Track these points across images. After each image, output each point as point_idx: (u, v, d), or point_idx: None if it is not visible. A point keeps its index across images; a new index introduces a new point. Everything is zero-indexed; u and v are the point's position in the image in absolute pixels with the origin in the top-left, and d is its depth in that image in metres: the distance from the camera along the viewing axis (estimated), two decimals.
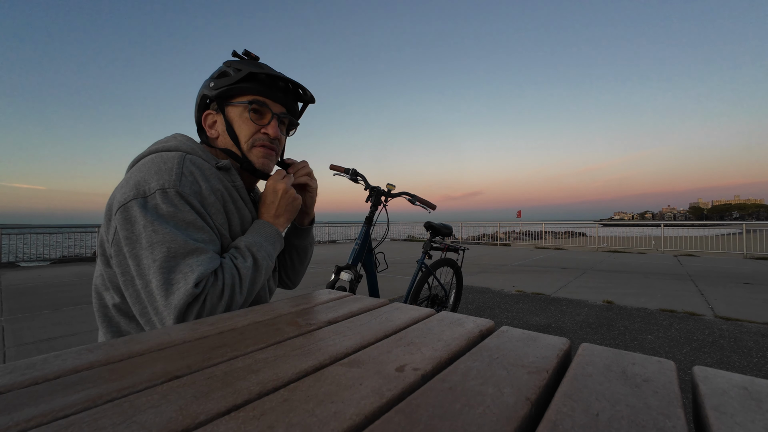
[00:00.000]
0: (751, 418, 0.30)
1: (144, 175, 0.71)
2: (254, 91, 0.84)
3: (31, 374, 0.37)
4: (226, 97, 0.84)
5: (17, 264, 7.90)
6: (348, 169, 1.80)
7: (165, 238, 0.66)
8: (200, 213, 0.72)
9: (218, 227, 0.76)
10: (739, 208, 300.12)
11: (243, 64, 0.84)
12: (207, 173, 0.77)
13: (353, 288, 1.64)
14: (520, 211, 14.84)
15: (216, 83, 0.83)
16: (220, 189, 0.78)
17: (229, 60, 0.86)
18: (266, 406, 0.31)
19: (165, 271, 0.65)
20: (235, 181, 0.83)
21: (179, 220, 0.69)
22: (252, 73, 0.82)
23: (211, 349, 0.44)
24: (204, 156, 0.81)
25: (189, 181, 0.72)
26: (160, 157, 0.75)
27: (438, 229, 2.42)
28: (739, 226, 9.84)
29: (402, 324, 0.55)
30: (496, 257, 8.74)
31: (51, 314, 3.62)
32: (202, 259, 0.68)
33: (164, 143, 0.81)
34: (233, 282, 0.71)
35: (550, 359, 0.42)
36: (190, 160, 0.76)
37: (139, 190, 0.69)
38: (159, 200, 0.68)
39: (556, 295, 4.37)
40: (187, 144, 0.81)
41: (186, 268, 0.66)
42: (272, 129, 0.86)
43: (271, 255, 0.82)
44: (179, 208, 0.69)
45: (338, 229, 15.77)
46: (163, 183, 0.70)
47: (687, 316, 3.46)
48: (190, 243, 0.68)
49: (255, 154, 0.86)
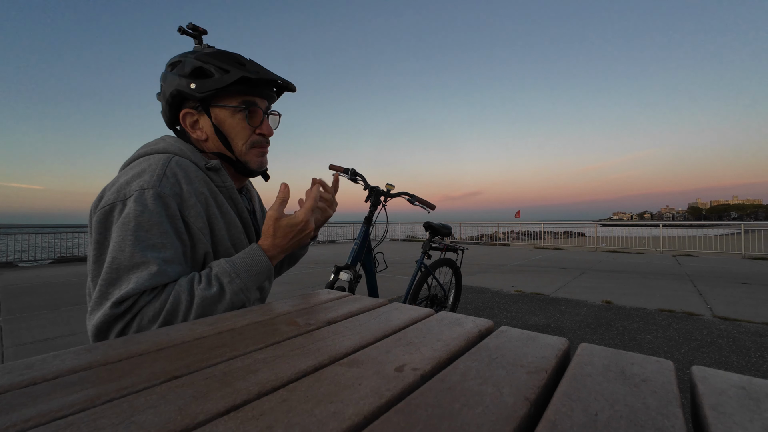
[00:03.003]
0: (750, 417, 0.30)
1: (127, 179, 0.70)
2: (243, 92, 0.81)
3: (29, 374, 0.37)
4: (210, 98, 0.80)
5: (15, 264, 7.88)
6: (347, 168, 1.80)
7: (114, 247, 0.65)
8: (172, 216, 0.70)
9: (197, 231, 0.73)
10: (737, 208, 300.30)
11: (225, 63, 0.79)
12: (192, 176, 0.75)
13: (352, 288, 1.64)
14: (519, 211, 14.86)
15: (199, 85, 0.78)
16: (203, 193, 0.76)
17: (199, 53, 0.80)
18: (265, 406, 0.31)
19: (104, 283, 0.64)
20: (225, 182, 0.81)
21: (143, 221, 0.66)
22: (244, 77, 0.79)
23: (209, 349, 0.44)
24: (193, 157, 0.79)
25: (170, 183, 0.71)
26: (147, 160, 0.74)
27: (437, 229, 2.42)
28: (737, 227, 9.86)
29: (401, 324, 0.55)
30: (495, 257, 8.75)
31: (49, 314, 3.61)
32: (139, 276, 0.64)
33: (153, 146, 0.80)
34: (176, 307, 0.65)
35: (549, 359, 0.42)
36: (176, 161, 0.74)
37: (119, 193, 0.69)
38: (131, 202, 0.67)
39: (555, 295, 4.38)
40: (175, 146, 0.79)
41: (123, 283, 0.63)
42: (266, 128, 0.86)
43: (246, 289, 0.72)
44: (149, 209, 0.67)
45: (337, 229, 15.77)
46: (143, 184, 0.69)
47: (686, 316, 3.47)
48: (137, 255, 0.64)
49: (253, 155, 0.85)
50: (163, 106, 0.85)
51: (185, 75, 0.79)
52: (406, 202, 2.02)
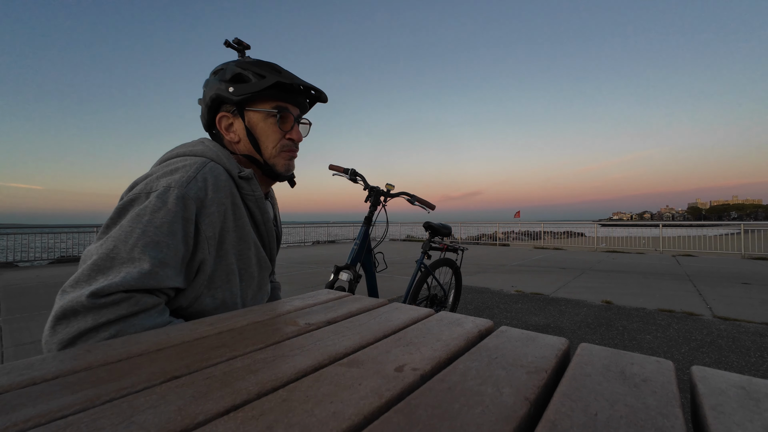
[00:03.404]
0: (749, 417, 0.30)
1: (159, 175, 0.72)
2: (277, 97, 0.84)
3: (29, 374, 0.37)
4: (246, 102, 0.84)
5: (15, 264, 7.87)
6: (347, 169, 1.80)
7: (119, 235, 0.64)
8: (187, 219, 0.70)
9: (204, 239, 0.73)
10: (737, 208, 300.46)
11: (262, 69, 0.83)
12: (221, 184, 0.76)
13: (352, 288, 1.64)
14: (519, 211, 14.86)
15: (236, 89, 0.82)
16: (225, 204, 0.76)
17: (240, 61, 0.85)
18: (265, 406, 0.31)
19: (93, 266, 0.62)
20: (255, 191, 0.82)
21: (157, 218, 0.66)
22: (279, 82, 0.82)
23: (209, 349, 0.44)
24: (228, 164, 0.80)
25: (197, 187, 0.72)
26: (183, 160, 0.76)
27: (437, 229, 2.42)
28: (737, 227, 9.86)
29: (401, 324, 0.55)
30: (495, 257, 8.75)
31: (49, 314, 3.61)
32: (129, 271, 0.62)
33: (191, 147, 0.81)
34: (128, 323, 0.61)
35: (548, 359, 0.42)
36: (210, 168, 0.75)
37: (146, 186, 0.70)
38: (154, 197, 0.68)
39: (555, 295, 4.38)
40: (213, 151, 0.80)
41: (112, 273, 0.61)
42: (296, 134, 0.88)
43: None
44: (167, 207, 0.67)
45: (337, 229, 15.77)
46: (171, 183, 0.70)
47: (685, 316, 3.47)
48: (136, 250, 0.63)
49: (280, 159, 0.87)
50: (203, 109, 0.89)
51: (225, 80, 0.83)
52: (406, 202, 2.02)
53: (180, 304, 0.72)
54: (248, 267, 0.82)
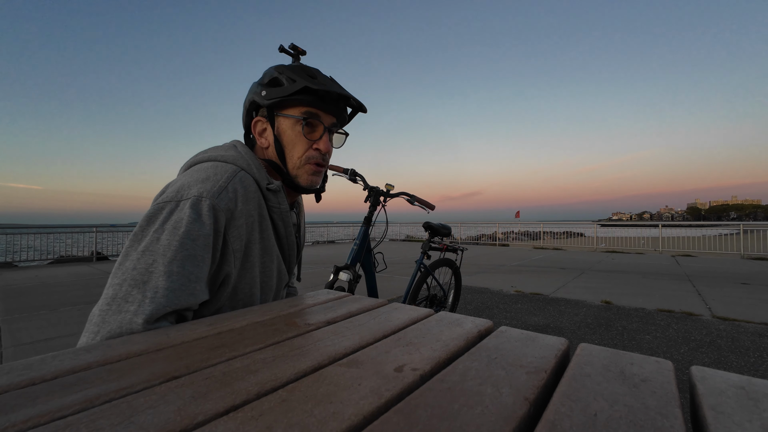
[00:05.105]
0: (749, 417, 0.30)
1: (191, 181, 0.70)
2: (306, 103, 0.81)
3: (28, 375, 0.37)
4: (276, 107, 0.82)
5: (14, 264, 7.86)
6: (347, 169, 1.80)
7: (160, 249, 0.62)
8: (218, 232, 0.69)
9: (230, 252, 0.72)
10: (736, 208, 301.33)
11: (296, 74, 0.81)
12: (250, 196, 0.75)
13: (352, 288, 1.64)
14: (519, 211, 14.87)
15: (268, 92, 0.80)
16: (252, 216, 0.75)
17: (281, 65, 0.84)
18: (265, 406, 0.31)
19: (132, 281, 0.61)
20: (281, 204, 0.81)
21: (193, 230, 0.65)
22: (307, 87, 0.79)
23: (209, 349, 0.44)
24: (258, 175, 0.78)
25: (228, 197, 0.70)
26: (214, 167, 0.74)
27: (437, 230, 2.42)
28: (736, 227, 9.87)
29: (401, 324, 0.55)
30: (494, 257, 8.75)
31: (48, 314, 3.60)
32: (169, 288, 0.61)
33: (223, 152, 0.79)
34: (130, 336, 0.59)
35: (548, 359, 0.42)
36: (241, 178, 0.74)
37: (178, 193, 0.68)
38: (187, 208, 0.66)
39: (554, 296, 4.38)
40: (245, 159, 0.79)
41: (150, 290, 0.60)
42: (324, 144, 0.83)
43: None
44: (201, 219, 0.66)
45: (337, 229, 15.76)
46: (203, 192, 0.68)
47: (685, 316, 3.47)
48: (175, 264, 0.62)
49: (305, 171, 0.84)
50: (243, 113, 0.88)
51: (263, 84, 0.82)
52: (406, 202, 2.02)
53: (202, 314, 0.71)
54: (269, 279, 0.81)
